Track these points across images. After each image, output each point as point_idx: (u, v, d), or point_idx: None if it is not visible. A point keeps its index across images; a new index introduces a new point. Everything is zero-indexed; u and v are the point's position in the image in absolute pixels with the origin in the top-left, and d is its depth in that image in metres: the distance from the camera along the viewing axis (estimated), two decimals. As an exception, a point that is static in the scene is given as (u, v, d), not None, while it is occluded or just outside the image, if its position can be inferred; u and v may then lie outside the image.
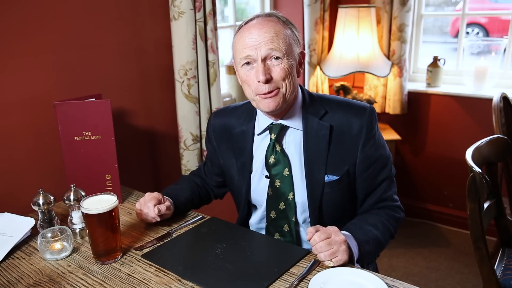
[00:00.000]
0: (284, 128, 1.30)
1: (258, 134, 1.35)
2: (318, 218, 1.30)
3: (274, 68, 1.18)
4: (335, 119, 1.26)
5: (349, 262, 1.13)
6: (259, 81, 1.18)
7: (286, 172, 1.29)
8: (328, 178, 1.27)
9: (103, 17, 1.79)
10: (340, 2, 3.08)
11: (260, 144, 1.35)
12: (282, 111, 1.27)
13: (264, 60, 1.17)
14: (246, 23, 1.22)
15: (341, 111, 1.27)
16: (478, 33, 7.27)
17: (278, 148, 1.30)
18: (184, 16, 1.92)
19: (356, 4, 2.85)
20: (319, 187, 1.27)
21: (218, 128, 1.44)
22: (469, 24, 7.18)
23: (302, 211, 1.32)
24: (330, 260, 1.10)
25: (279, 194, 1.32)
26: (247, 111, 1.39)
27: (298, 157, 1.29)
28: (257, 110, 1.35)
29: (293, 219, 1.33)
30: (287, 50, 1.18)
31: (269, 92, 1.18)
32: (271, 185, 1.32)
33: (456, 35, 6.05)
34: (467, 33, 7.09)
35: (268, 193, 1.34)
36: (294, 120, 1.29)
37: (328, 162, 1.26)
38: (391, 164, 1.32)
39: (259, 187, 1.36)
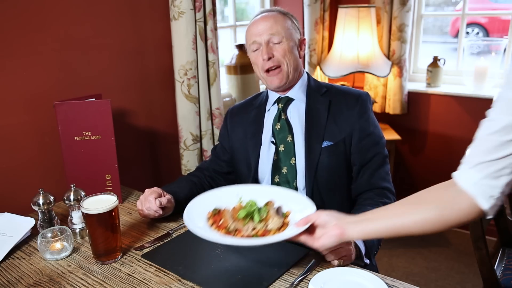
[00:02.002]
0: (290, 100, 1.47)
1: (268, 110, 1.51)
2: (313, 184, 1.40)
3: (276, 48, 1.41)
4: (334, 97, 1.45)
5: (359, 259, 1.18)
6: (263, 59, 1.40)
7: (289, 139, 1.44)
8: (325, 143, 1.41)
9: (103, 17, 1.79)
10: (340, 2, 3.08)
11: (270, 119, 1.50)
12: (288, 87, 1.46)
13: (267, 43, 1.41)
14: (253, 18, 1.48)
15: (340, 92, 1.47)
16: (478, 33, 7.27)
17: (283, 117, 1.46)
18: (184, 16, 1.92)
19: (356, 4, 2.85)
20: (317, 153, 1.40)
21: (235, 115, 1.59)
22: (469, 24, 7.18)
23: (301, 176, 1.42)
24: (338, 260, 1.12)
25: (282, 159, 1.44)
26: (259, 98, 1.58)
27: (300, 126, 1.44)
28: (267, 91, 1.53)
29: (294, 184, 1.42)
30: (286, 33, 1.41)
31: (273, 69, 1.41)
32: (276, 150, 1.45)
33: (456, 35, 6.05)
34: (467, 33, 7.09)
35: (273, 158, 1.45)
36: (299, 95, 1.47)
37: (326, 130, 1.41)
38: (383, 145, 1.44)
39: (267, 158, 1.47)
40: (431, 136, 3.06)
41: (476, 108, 2.81)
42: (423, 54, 3.17)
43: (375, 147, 1.41)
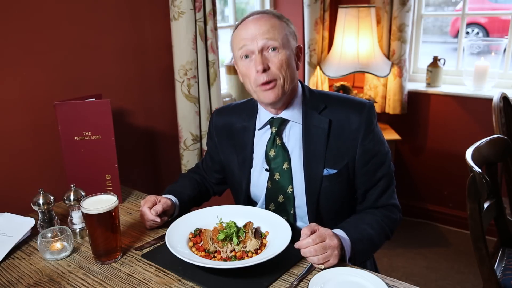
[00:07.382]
0: (285, 122, 1.32)
1: (259, 129, 1.37)
2: (316, 212, 1.31)
3: (272, 58, 1.21)
4: (335, 114, 1.28)
5: (341, 261, 1.13)
6: (257, 71, 1.20)
7: (285, 166, 1.31)
8: (327, 171, 1.28)
9: (103, 17, 1.79)
10: (340, 2, 3.08)
11: (261, 139, 1.37)
12: (282, 105, 1.30)
13: (261, 51, 1.20)
14: (242, 21, 1.27)
15: (341, 107, 1.30)
16: (478, 33, 7.27)
17: (278, 142, 1.32)
18: (184, 16, 1.92)
19: (356, 4, 2.85)
20: (317, 180, 1.28)
21: (220, 125, 1.45)
22: (469, 24, 7.18)
23: (300, 204, 1.33)
24: (322, 263, 1.10)
25: (278, 187, 1.33)
26: (248, 108, 1.42)
27: (298, 150, 1.31)
28: (258, 106, 1.37)
29: (292, 212, 1.34)
30: (283, 40, 1.21)
31: (267, 83, 1.21)
32: (271, 178, 1.33)
33: (456, 35, 6.05)
34: (467, 33, 7.10)
35: (267, 186, 1.35)
36: (294, 114, 1.31)
37: (327, 156, 1.27)
38: (390, 161, 1.33)
39: (259, 181, 1.37)
40: (431, 136, 3.06)
41: (476, 108, 2.81)
42: (423, 54, 3.17)
43: (381, 168, 1.29)
